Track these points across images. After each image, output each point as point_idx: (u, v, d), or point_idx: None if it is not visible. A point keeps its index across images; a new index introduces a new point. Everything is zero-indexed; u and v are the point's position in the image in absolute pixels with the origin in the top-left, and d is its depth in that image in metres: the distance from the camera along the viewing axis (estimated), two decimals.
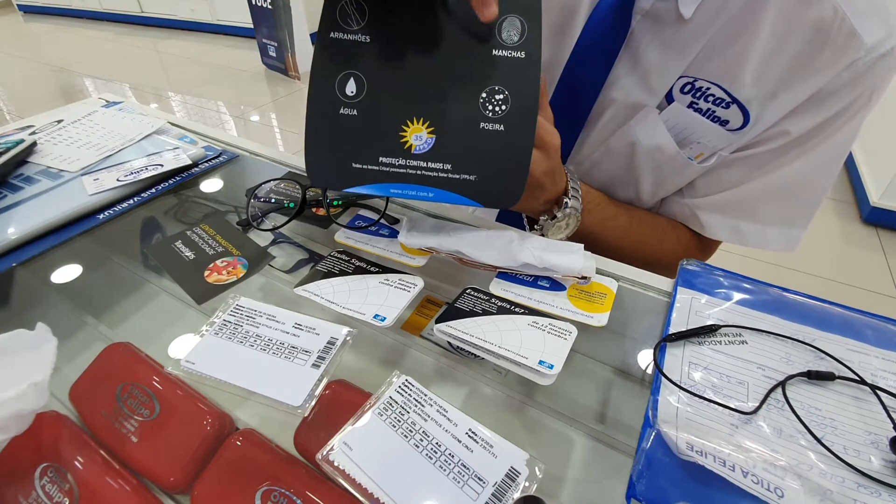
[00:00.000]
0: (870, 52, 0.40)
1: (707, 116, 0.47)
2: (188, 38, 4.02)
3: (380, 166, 0.38)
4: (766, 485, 0.27)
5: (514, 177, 0.38)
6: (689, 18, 0.43)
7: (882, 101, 0.44)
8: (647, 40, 0.46)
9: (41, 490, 0.31)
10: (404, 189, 0.38)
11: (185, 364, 0.34)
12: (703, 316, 0.38)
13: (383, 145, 0.37)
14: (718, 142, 0.48)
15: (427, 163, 0.37)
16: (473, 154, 0.37)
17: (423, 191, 0.38)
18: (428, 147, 0.37)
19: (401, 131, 0.37)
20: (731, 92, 0.45)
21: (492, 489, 0.28)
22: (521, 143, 0.37)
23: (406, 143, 0.37)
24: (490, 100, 0.37)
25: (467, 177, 0.38)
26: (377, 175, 0.38)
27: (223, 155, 0.63)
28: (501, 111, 0.37)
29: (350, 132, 0.37)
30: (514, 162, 0.38)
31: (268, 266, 0.46)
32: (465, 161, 0.37)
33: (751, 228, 0.51)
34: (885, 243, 1.78)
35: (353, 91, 0.37)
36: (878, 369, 0.33)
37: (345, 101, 0.37)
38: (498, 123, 0.37)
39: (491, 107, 0.37)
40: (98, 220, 0.51)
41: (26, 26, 4.61)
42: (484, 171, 0.38)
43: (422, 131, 0.37)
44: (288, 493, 0.30)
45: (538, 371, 0.34)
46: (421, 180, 0.38)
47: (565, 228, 0.48)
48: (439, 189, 0.38)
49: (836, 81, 0.42)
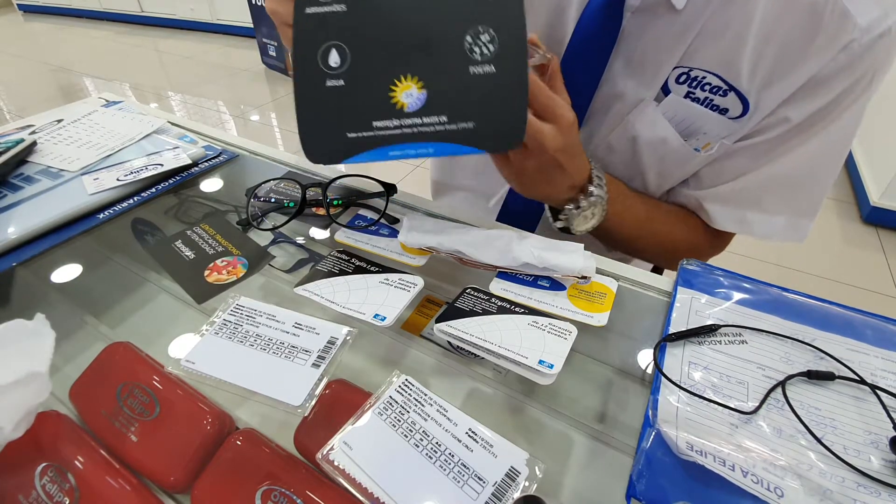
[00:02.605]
0: (865, 34, 0.40)
1: (705, 105, 0.47)
2: (188, 37, 4.02)
3: (375, 131, 0.37)
4: (766, 484, 0.27)
5: (514, 115, 0.37)
6: (681, 9, 0.43)
7: (882, 102, 0.44)
8: (640, 34, 0.46)
9: (41, 489, 0.31)
10: (404, 149, 0.37)
11: (185, 364, 0.34)
12: (703, 316, 0.38)
13: (375, 110, 0.37)
14: (721, 130, 0.48)
15: (422, 118, 0.37)
16: (467, 101, 0.36)
17: (422, 148, 0.37)
18: (421, 103, 0.36)
19: (390, 92, 0.36)
20: (726, 79, 0.44)
21: (492, 489, 0.28)
22: (515, 80, 0.36)
23: (397, 102, 0.37)
24: (476, 42, 0.36)
25: (465, 125, 0.37)
26: (373, 141, 0.37)
27: (223, 154, 0.63)
28: (489, 52, 0.36)
29: (340, 103, 0.37)
30: (510, 100, 0.37)
31: (268, 266, 0.46)
32: (460, 109, 0.37)
33: (757, 218, 0.51)
34: (885, 243, 1.78)
35: (338, 62, 0.36)
36: (878, 369, 0.33)
37: (330, 73, 0.36)
38: (487, 65, 0.36)
39: (478, 49, 0.36)
40: (98, 220, 0.51)
41: (26, 26, 4.61)
42: (481, 115, 0.37)
43: (411, 88, 0.36)
44: (288, 493, 0.30)
45: (538, 371, 0.34)
46: (418, 137, 0.37)
47: (591, 218, 0.47)
48: (439, 143, 0.37)
49: (833, 65, 0.41)
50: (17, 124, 0.66)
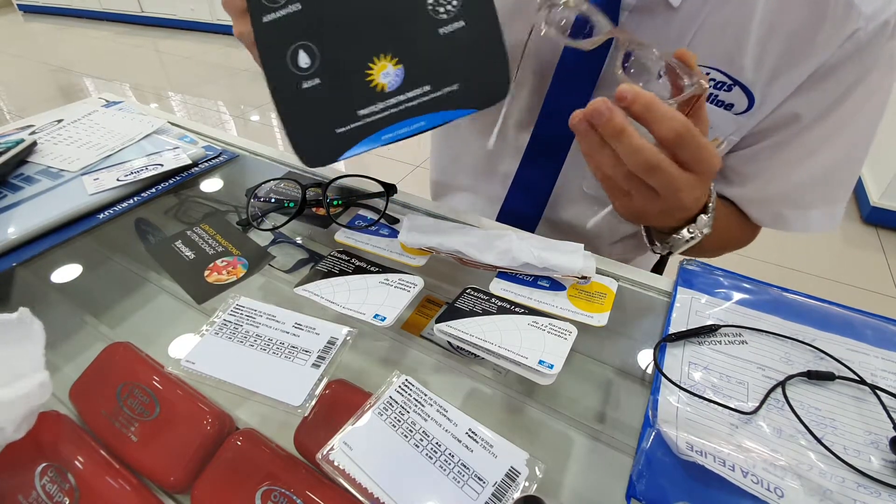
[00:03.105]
0: (870, 21, 0.39)
1: (711, 101, 0.46)
2: (188, 37, 4.02)
3: (362, 120, 0.37)
4: (766, 485, 0.27)
5: (495, 64, 0.36)
6: (677, 7, 0.43)
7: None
8: (638, 33, 0.46)
9: (41, 489, 0.31)
10: (395, 130, 0.37)
11: (186, 364, 0.34)
12: (703, 316, 0.38)
13: (357, 98, 0.36)
14: (727, 126, 0.48)
15: (405, 94, 0.36)
16: (445, 63, 0.36)
17: (413, 124, 0.37)
18: (400, 79, 0.36)
19: (367, 77, 0.36)
20: (730, 74, 0.44)
21: (492, 489, 0.28)
22: (486, 27, 0.36)
23: (377, 85, 0.36)
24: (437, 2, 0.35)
25: (450, 88, 0.36)
26: (363, 130, 0.37)
27: (223, 155, 0.63)
28: (454, 7, 0.35)
29: (320, 101, 0.37)
30: (487, 50, 0.36)
31: (268, 266, 0.46)
32: (441, 74, 0.36)
33: (793, 214, 0.51)
34: (885, 243, 1.78)
35: (308, 62, 0.36)
36: (878, 369, 0.33)
37: (303, 74, 0.36)
38: (456, 21, 0.35)
39: (441, 8, 0.35)
40: (98, 220, 0.51)
41: (26, 26, 4.61)
42: (462, 74, 0.36)
43: (388, 67, 0.36)
44: (288, 493, 0.30)
45: (538, 371, 0.34)
46: (407, 114, 0.37)
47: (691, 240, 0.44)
48: (428, 114, 0.37)
49: (839, 54, 0.41)
50: (17, 124, 0.66)
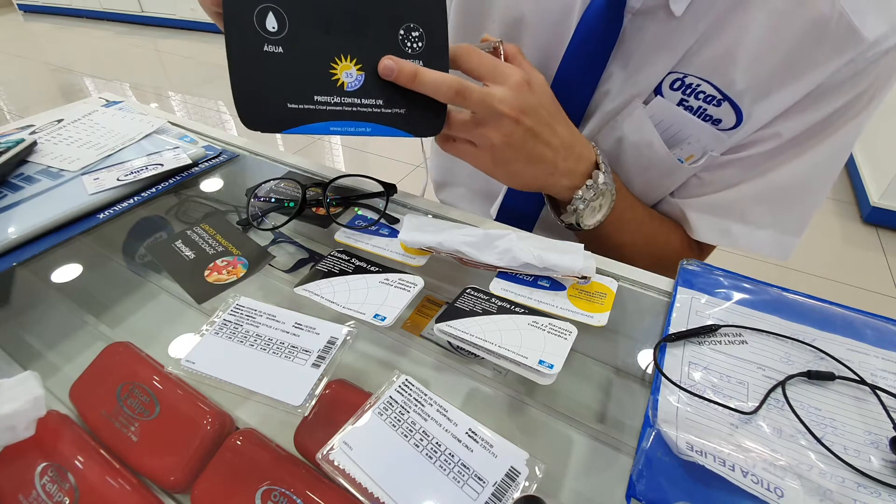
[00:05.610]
0: (871, 48, 0.39)
1: (698, 115, 0.46)
2: (188, 37, 4.02)
3: (316, 105, 0.38)
4: (766, 485, 0.27)
5: (435, 107, 0.40)
6: (679, 15, 0.43)
7: (882, 102, 0.44)
8: (638, 36, 0.46)
9: (41, 489, 0.31)
10: (343, 126, 0.39)
11: (186, 363, 0.34)
12: (703, 316, 0.38)
13: (316, 84, 0.38)
14: (709, 142, 0.48)
15: (360, 99, 0.39)
16: (398, 89, 0.39)
17: (360, 126, 0.40)
18: (359, 84, 0.39)
19: (331, 69, 0.38)
20: (721, 88, 0.44)
21: (492, 489, 0.28)
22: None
23: (338, 80, 0.38)
24: (407, 37, 0.39)
25: (398, 110, 0.40)
26: (314, 114, 0.39)
27: (223, 154, 0.63)
28: (419, 48, 0.39)
29: (279, 71, 0.37)
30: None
31: (268, 266, 0.46)
32: (393, 96, 0.40)
33: (741, 231, 0.51)
34: (885, 243, 1.78)
35: (275, 26, 0.36)
36: (878, 369, 0.33)
37: (267, 37, 0.37)
38: (416, 59, 0.39)
39: (409, 44, 0.39)
40: (98, 220, 0.51)
41: (26, 26, 4.61)
42: (410, 103, 0.40)
43: (351, 68, 0.38)
44: (288, 493, 0.30)
45: (538, 371, 0.34)
46: (357, 116, 0.39)
47: (599, 210, 0.45)
48: (375, 123, 0.40)
49: (836, 77, 0.41)
50: (18, 124, 0.66)
